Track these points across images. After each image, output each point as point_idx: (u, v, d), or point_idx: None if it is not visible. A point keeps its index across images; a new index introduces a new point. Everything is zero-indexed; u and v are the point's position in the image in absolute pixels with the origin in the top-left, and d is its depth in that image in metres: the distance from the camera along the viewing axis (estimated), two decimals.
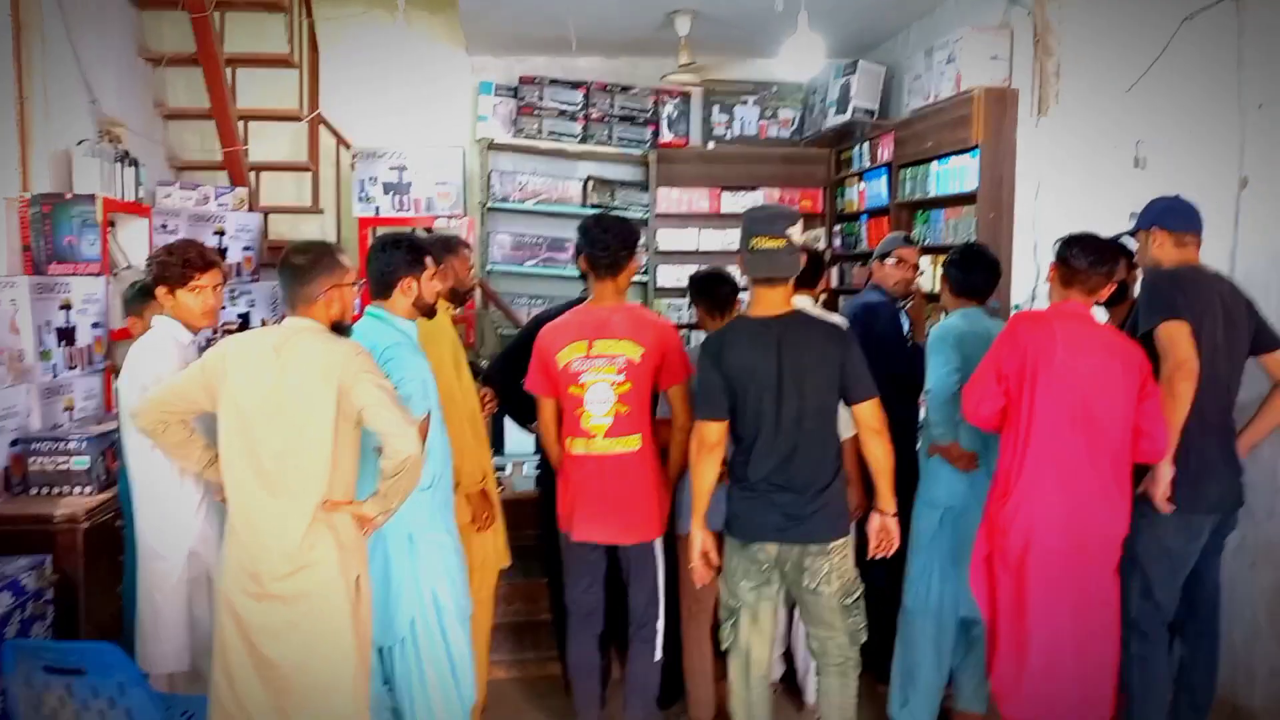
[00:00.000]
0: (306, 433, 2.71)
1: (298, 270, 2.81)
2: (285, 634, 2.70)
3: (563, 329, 3.44)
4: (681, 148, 7.32)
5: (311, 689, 2.71)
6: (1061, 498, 3.11)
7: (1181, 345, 3.08)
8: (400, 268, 3.14)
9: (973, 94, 5.10)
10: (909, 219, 6.07)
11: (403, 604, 3.16)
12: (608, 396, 3.36)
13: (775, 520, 3.10)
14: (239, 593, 2.71)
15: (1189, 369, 3.07)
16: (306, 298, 2.81)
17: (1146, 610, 3.30)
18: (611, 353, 3.38)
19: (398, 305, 3.17)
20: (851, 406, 3.12)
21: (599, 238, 3.40)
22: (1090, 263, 3.17)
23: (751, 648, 3.25)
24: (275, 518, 2.71)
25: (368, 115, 6.95)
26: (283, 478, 2.72)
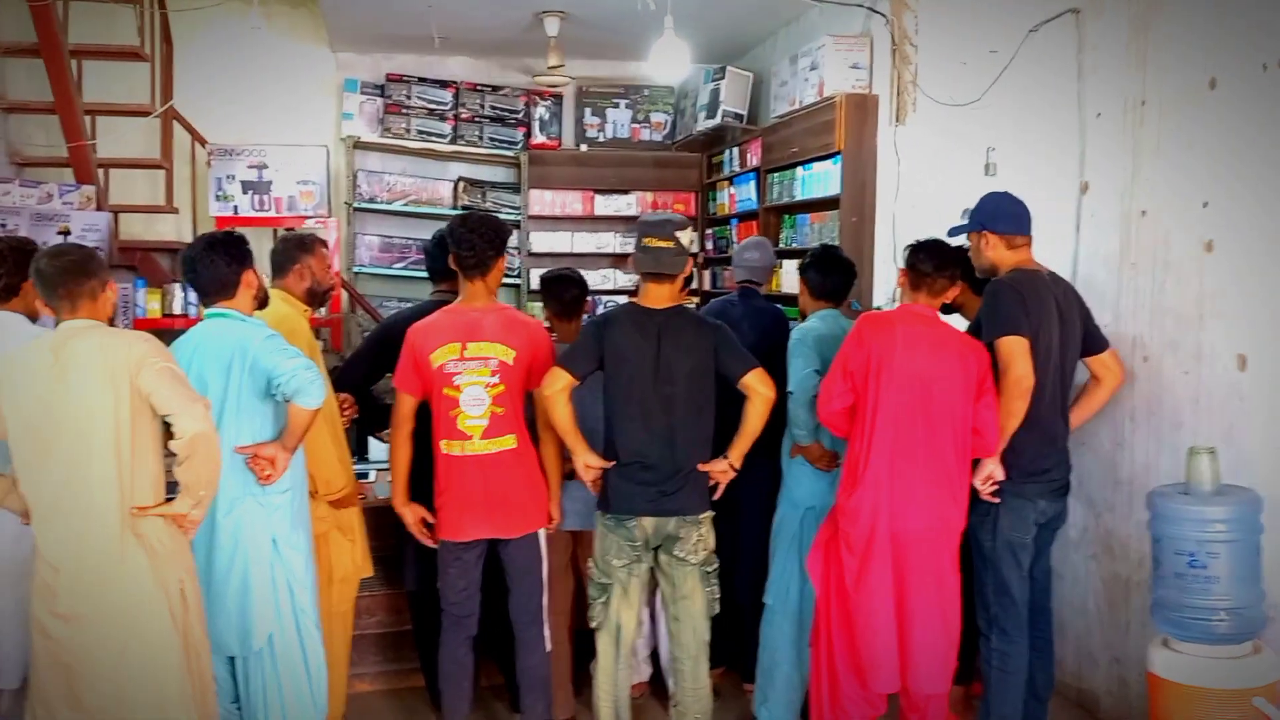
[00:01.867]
0: (94, 439, 2.60)
1: (75, 267, 2.69)
2: (99, 654, 2.58)
3: (435, 329, 3.40)
4: (554, 150, 7.30)
5: (134, 709, 2.59)
6: (903, 487, 3.24)
7: (1019, 362, 3.21)
8: (237, 266, 3.07)
9: (835, 100, 5.22)
10: (777, 223, 6.17)
11: (262, 612, 3.06)
12: (482, 398, 3.36)
13: (650, 495, 3.25)
14: (48, 615, 2.58)
15: (1025, 386, 3.22)
16: (90, 294, 2.71)
17: (1004, 605, 3.41)
18: (485, 355, 3.38)
19: (242, 302, 3.11)
20: (740, 383, 3.25)
21: (466, 237, 3.38)
22: (935, 267, 3.34)
23: (622, 621, 3.36)
24: (75, 534, 2.59)
25: (226, 112, 6.71)
26: (76, 490, 2.60)
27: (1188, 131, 3.40)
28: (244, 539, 3.01)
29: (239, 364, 3.01)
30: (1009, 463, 3.32)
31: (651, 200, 7.41)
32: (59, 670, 2.61)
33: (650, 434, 3.26)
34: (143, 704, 2.63)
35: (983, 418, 3.25)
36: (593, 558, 3.39)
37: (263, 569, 3.05)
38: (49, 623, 2.60)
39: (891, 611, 3.28)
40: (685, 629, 3.35)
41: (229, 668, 3.16)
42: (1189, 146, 3.39)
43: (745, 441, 3.31)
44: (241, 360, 3.00)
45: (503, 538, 3.46)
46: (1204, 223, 3.33)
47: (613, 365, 3.28)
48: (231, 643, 3.07)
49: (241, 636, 3.06)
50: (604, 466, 3.29)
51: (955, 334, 3.38)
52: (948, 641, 3.33)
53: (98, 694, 2.60)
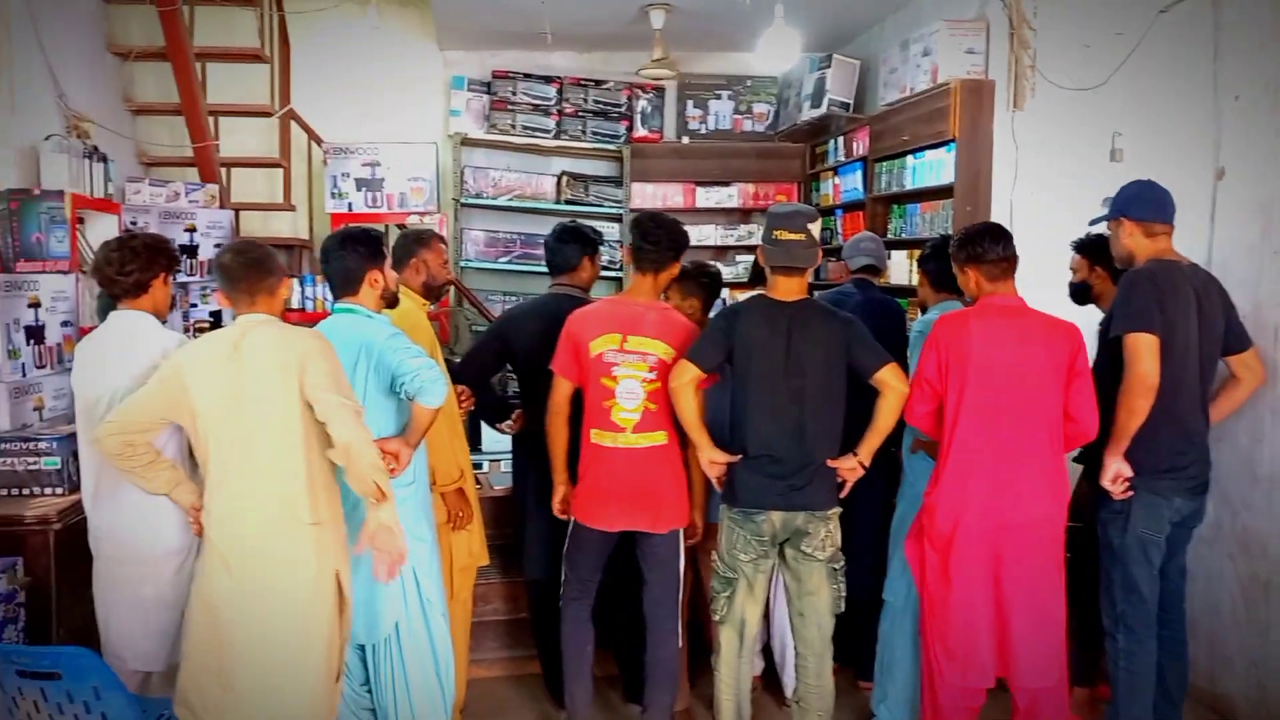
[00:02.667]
0: (275, 429, 2.73)
1: (257, 264, 2.87)
2: (260, 637, 2.69)
3: (596, 318, 3.46)
4: (655, 142, 7.30)
5: (281, 694, 2.70)
6: (984, 483, 3.21)
7: (1144, 360, 3.14)
8: (363, 261, 3.14)
9: (949, 87, 5.11)
10: (884, 213, 6.08)
11: (388, 602, 3.14)
12: (637, 392, 3.39)
13: (778, 489, 3.24)
14: (218, 594, 2.70)
15: (1148, 386, 3.14)
16: (268, 290, 2.88)
17: (1132, 604, 3.33)
18: (644, 350, 3.41)
19: (367, 299, 3.17)
20: (873, 378, 3.24)
21: (653, 232, 3.46)
22: (1003, 248, 3.31)
23: (747, 616, 3.36)
24: (258, 522, 2.72)
25: (339, 110, 6.86)
26: (263, 479, 2.72)
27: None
28: None
29: (365, 360, 3.09)
30: (1143, 459, 3.23)
31: (753, 192, 7.36)
32: (217, 650, 2.72)
33: (779, 427, 3.24)
34: (290, 690, 2.74)
35: (1075, 402, 3.21)
36: (717, 551, 3.38)
37: None
38: (219, 602, 2.71)
39: (981, 605, 3.24)
40: (810, 625, 3.33)
41: (359, 654, 3.26)
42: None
43: (876, 438, 3.27)
44: (367, 357, 3.08)
45: (651, 531, 3.47)
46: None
47: (742, 357, 3.27)
48: (360, 631, 3.14)
49: (369, 625, 3.14)
50: (728, 460, 3.28)
51: (1041, 320, 3.32)
52: (1051, 635, 3.26)
53: (250, 677, 2.70)
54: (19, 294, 4.14)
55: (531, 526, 3.84)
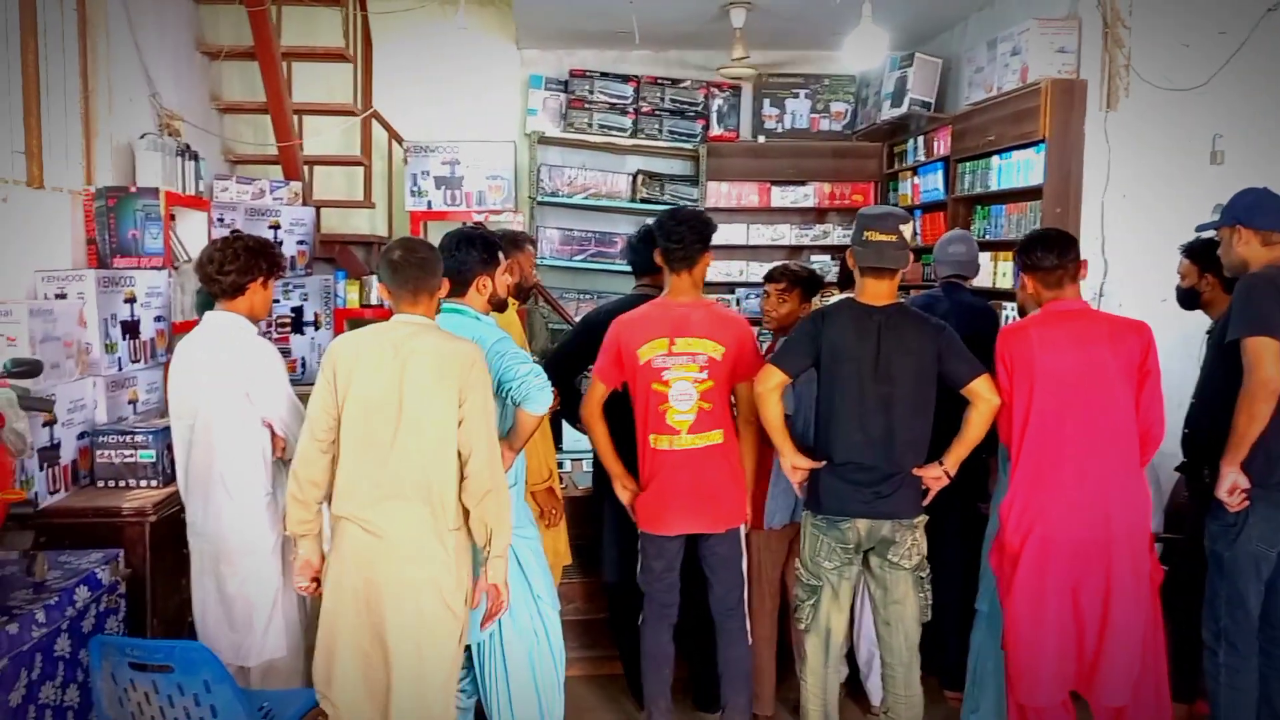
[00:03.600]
0: (426, 431, 2.76)
1: (425, 264, 2.89)
2: (398, 621, 2.75)
3: (641, 324, 3.44)
4: (731, 141, 7.27)
5: (413, 679, 2.77)
6: (1056, 493, 3.17)
7: (1266, 364, 3.05)
8: (476, 265, 3.15)
9: (1040, 86, 5.01)
10: (966, 213, 5.98)
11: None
12: (691, 394, 3.38)
13: (865, 497, 3.21)
14: (361, 583, 2.77)
15: (1271, 390, 3.06)
16: (430, 290, 2.90)
17: (1236, 619, 3.24)
18: (693, 350, 3.40)
19: (475, 302, 3.19)
20: (965, 389, 3.21)
21: (674, 230, 3.42)
22: (1059, 254, 3.26)
23: (832, 625, 3.33)
24: (404, 521, 2.77)
25: (418, 108, 6.93)
26: (406, 479, 2.77)
27: None
28: None
29: None
30: (1260, 469, 3.14)
31: (829, 191, 7.30)
32: (363, 635, 2.77)
33: (866, 434, 3.20)
34: (427, 682, 2.79)
35: (1144, 407, 3.17)
36: (801, 558, 3.36)
37: None
38: (366, 589, 2.76)
39: (1052, 622, 3.19)
40: (897, 634, 3.29)
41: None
42: None
43: (964, 448, 3.24)
44: None
45: (707, 532, 3.46)
46: None
47: (829, 362, 3.23)
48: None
49: (473, 623, 3.13)
50: (812, 467, 3.25)
51: (1106, 322, 3.29)
52: (1132, 652, 3.19)
53: (397, 662, 2.75)
54: (116, 290, 4.24)
55: (608, 529, 3.84)
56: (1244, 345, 3.08)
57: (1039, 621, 3.22)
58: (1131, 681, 3.22)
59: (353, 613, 2.76)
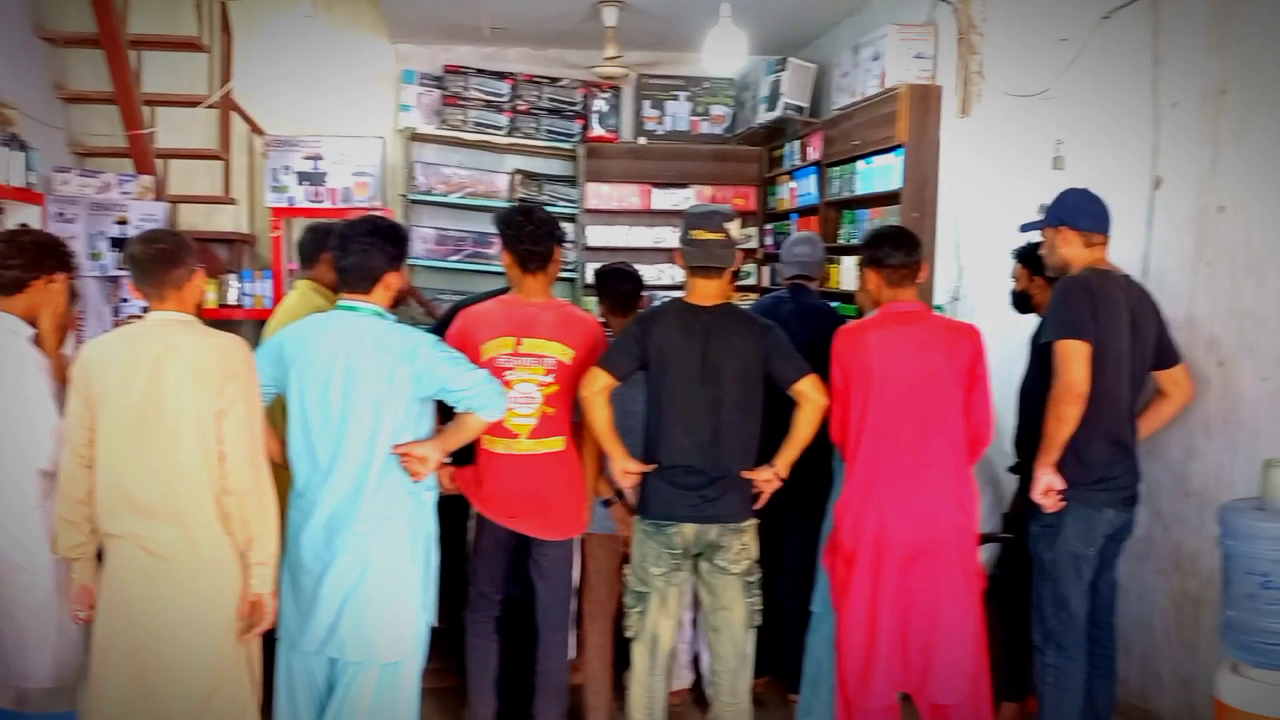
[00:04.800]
0: (184, 434, 2.64)
1: (164, 255, 2.69)
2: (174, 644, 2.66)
3: (488, 319, 3.31)
4: (611, 142, 7.19)
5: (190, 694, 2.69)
6: (890, 495, 3.16)
7: (1074, 367, 3.07)
8: (389, 262, 2.96)
9: (897, 92, 5.03)
10: (837, 218, 5.99)
11: (399, 628, 2.95)
12: (534, 396, 3.27)
13: (691, 500, 3.14)
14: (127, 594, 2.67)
15: (1077, 393, 3.07)
16: (176, 282, 2.70)
17: (1062, 620, 3.26)
18: (540, 352, 3.29)
19: (380, 300, 2.98)
20: (792, 390, 3.15)
21: (522, 228, 3.30)
22: (907, 253, 3.24)
23: (659, 632, 3.25)
24: (164, 525, 2.65)
25: (286, 103, 6.69)
26: (167, 483, 2.65)
27: (1273, 121, 3.17)
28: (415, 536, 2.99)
29: (405, 367, 2.90)
30: (1075, 471, 3.16)
31: (710, 194, 7.25)
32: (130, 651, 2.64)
33: (694, 438, 3.14)
34: (197, 686, 2.66)
35: (973, 411, 3.17)
36: (630, 565, 3.28)
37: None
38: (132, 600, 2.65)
39: (883, 623, 3.17)
40: (724, 641, 3.23)
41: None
42: (1273, 137, 3.17)
43: (794, 450, 3.19)
44: (409, 363, 2.90)
45: (543, 538, 3.37)
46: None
47: (656, 365, 3.17)
48: (350, 644, 2.89)
49: (363, 642, 2.89)
50: (643, 471, 3.18)
51: (940, 325, 3.30)
52: (961, 651, 3.19)
53: (162, 671, 2.63)
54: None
55: None
56: (1055, 348, 3.10)
57: (871, 623, 3.20)
58: (964, 680, 3.22)
59: (124, 634, 2.61)
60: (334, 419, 2.87)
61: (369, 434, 2.85)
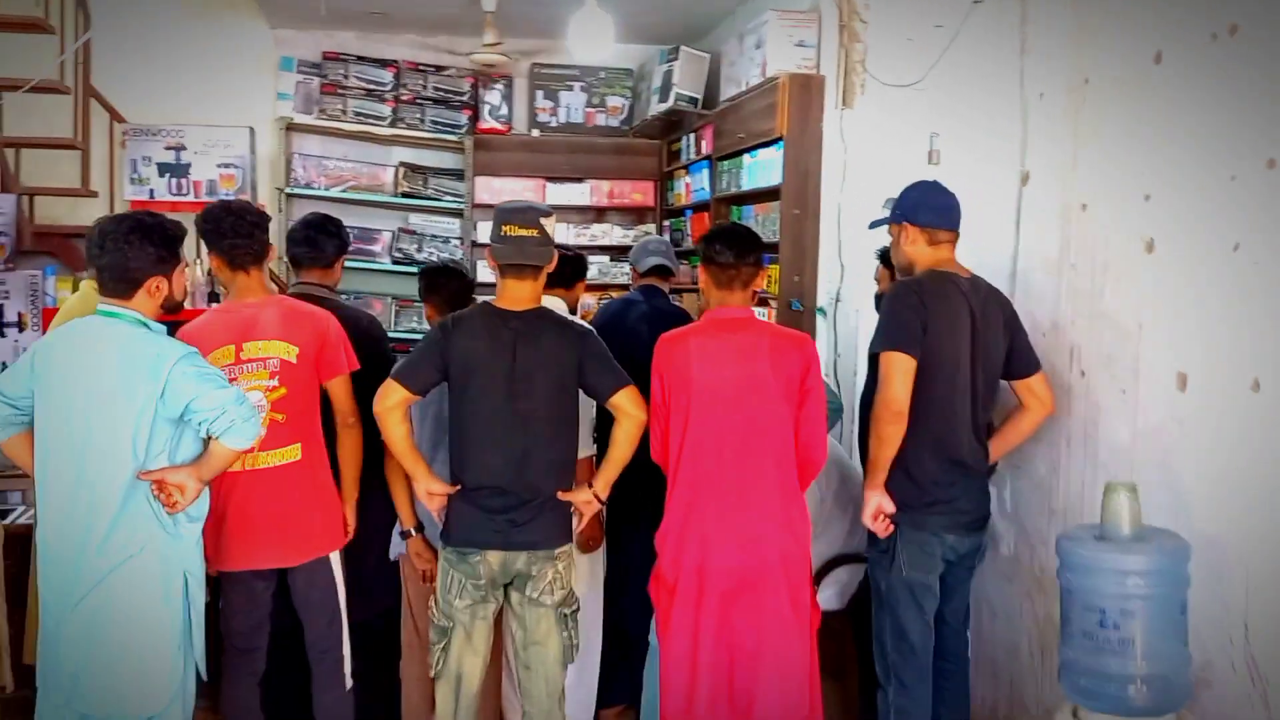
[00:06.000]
0: None
1: None
2: None
3: (207, 330, 3.04)
4: (503, 135, 6.87)
5: None
6: (712, 519, 2.91)
7: (892, 381, 2.84)
8: (153, 264, 2.68)
9: (778, 82, 4.78)
10: (727, 214, 5.73)
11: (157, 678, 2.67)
12: (262, 404, 2.97)
13: (498, 525, 2.85)
14: None
15: (895, 411, 2.84)
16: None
17: (903, 653, 3.02)
18: (263, 355, 3.01)
19: (143, 306, 2.72)
20: (608, 403, 2.90)
21: (221, 221, 3.05)
22: (737, 255, 3.01)
23: (464, 671, 2.94)
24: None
25: (150, 89, 6.28)
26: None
27: (1131, 113, 2.94)
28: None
29: (149, 384, 2.61)
30: (905, 492, 2.93)
31: (608, 189, 6.98)
32: None
33: (502, 455, 2.86)
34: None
35: (802, 425, 2.91)
36: (433, 597, 2.98)
37: None
38: None
39: (705, 656, 2.93)
40: (536, 679, 2.94)
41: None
42: (1131, 131, 2.93)
43: (612, 470, 2.93)
44: (152, 379, 2.61)
45: (285, 566, 3.07)
46: (1145, 218, 2.87)
47: (459, 376, 2.87)
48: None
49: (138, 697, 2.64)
50: (448, 492, 2.88)
51: (768, 333, 3.05)
52: (792, 692, 2.95)
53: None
54: None
55: None
56: (879, 360, 2.87)
57: (693, 659, 2.95)
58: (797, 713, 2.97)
59: None
60: (75, 438, 2.55)
61: (111, 457, 2.54)
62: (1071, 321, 3.21)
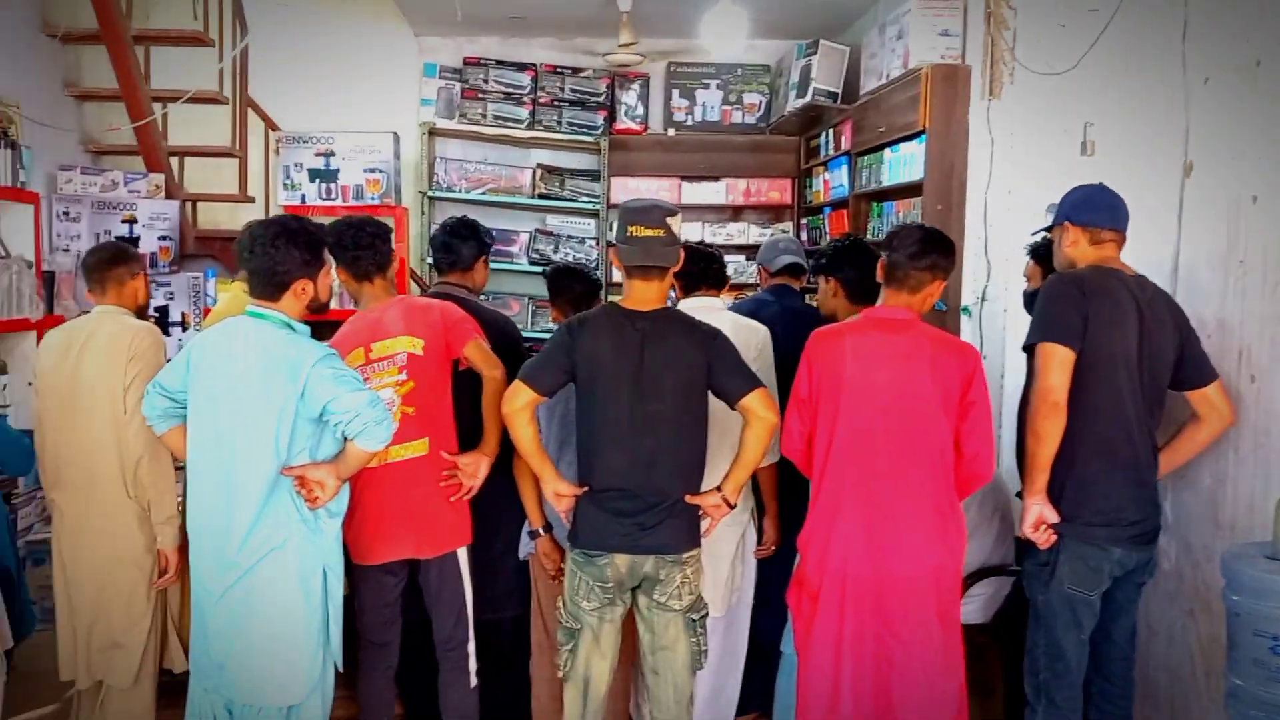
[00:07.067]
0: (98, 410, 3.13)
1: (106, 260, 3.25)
2: None
3: (342, 339, 3.14)
4: (638, 135, 6.87)
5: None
6: (855, 529, 2.79)
7: (1048, 373, 2.69)
8: (299, 268, 2.76)
9: (920, 73, 4.62)
10: (867, 211, 5.59)
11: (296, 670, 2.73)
12: (393, 400, 3.04)
13: (625, 529, 2.82)
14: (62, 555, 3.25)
15: (1051, 402, 2.68)
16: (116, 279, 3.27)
17: (1056, 673, 2.85)
18: (391, 352, 3.09)
19: (289, 308, 2.81)
20: (738, 405, 2.81)
21: (351, 240, 3.15)
22: (909, 255, 2.85)
23: (592, 674, 2.92)
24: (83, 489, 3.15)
25: (302, 97, 6.54)
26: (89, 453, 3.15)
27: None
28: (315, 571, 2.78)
29: (290, 384, 2.69)
30: (1072, 500, 2.76)
31: (744, 187, 6.91)
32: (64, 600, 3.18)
33: (629, 458, 2.82)
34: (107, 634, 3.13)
35: (966, 436, 2.76)
36: (560, 598, 2.97)
37: None
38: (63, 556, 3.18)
39: (849, 667, 2.83)
40: (664, 684, 2.89)
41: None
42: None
43: (742, 472, 2.85)
44: (292, 380, 2.69)
45: (418, 557, 3.11)
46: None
47: (586, 377, 2.84)
48: (245, 688, 2.70)
49: (256, 687, 2.70)
50: (575, 494, 2.88)
51: (931, 338, 2.88)
52: (937, 703, 2.82)
53: (86, 619, 3.13)
54: None
55: None
56: (1034, 352, 2.72)
57: (835, 671, 2.85)
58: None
59: (60, 587, 3.18)
60: (222, 434, 2.66)
61: (254, 454, 2.62)
62: (1240, 322, 2.98)
